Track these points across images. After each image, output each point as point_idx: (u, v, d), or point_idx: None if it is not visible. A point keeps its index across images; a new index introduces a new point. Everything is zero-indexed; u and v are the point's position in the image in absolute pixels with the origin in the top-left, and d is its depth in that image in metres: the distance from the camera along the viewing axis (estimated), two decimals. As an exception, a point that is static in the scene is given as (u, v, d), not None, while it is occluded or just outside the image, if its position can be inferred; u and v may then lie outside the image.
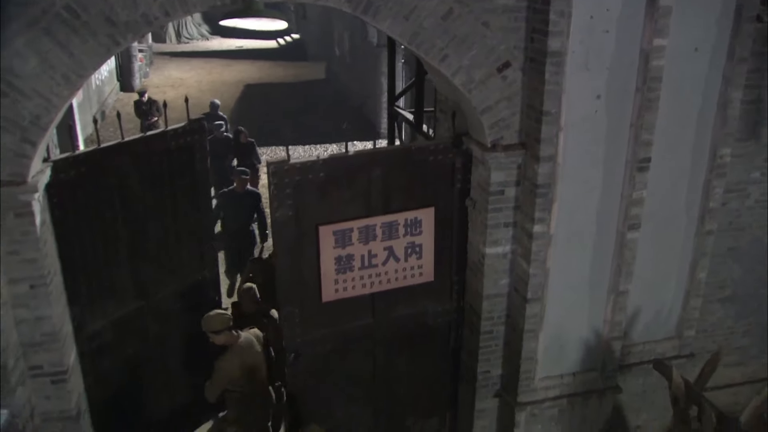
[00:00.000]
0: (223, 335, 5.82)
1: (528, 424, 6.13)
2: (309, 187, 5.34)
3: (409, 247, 5.79)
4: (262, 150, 13.49)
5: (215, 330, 5.82)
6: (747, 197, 6.50)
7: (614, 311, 5.92)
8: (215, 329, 5.81)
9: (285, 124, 16.70)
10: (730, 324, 7.02)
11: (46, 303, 5.00)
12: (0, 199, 4.58)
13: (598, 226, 5.58)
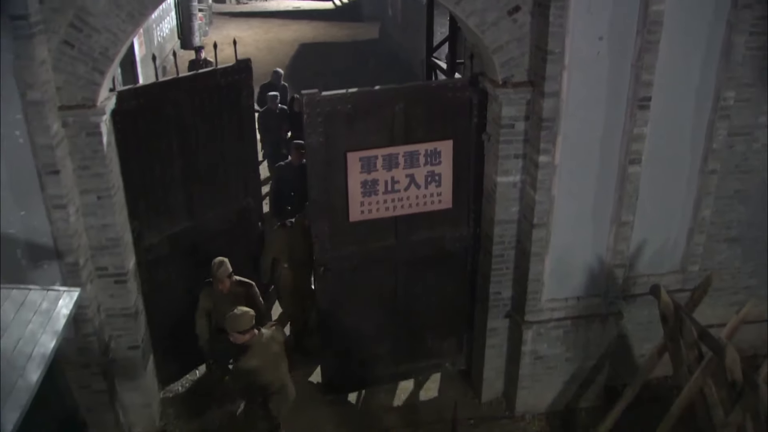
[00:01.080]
0: (247, 334, 5.73)
1: (534, 342, 6.74)
2: (338, 117, 6.01)
3: (429, 176, 6.41)
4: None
5: (243, 330, 5.71)
6: (755, 141, 6.85)
7: (616, 240, 6.45)
8: (242, 329, 5.72)
9: (336, 81, 17.32)
10: (737, 264, 7.40)
11: (110, 212, 5.81)
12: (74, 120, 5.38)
13: (601, 159, 6.09)
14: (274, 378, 5.93)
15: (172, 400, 7.24)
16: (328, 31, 24.46)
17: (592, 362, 6.99)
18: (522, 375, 6.89)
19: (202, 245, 7.07)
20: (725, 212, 7.09)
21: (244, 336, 5.70)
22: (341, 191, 6.26)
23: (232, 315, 5.70)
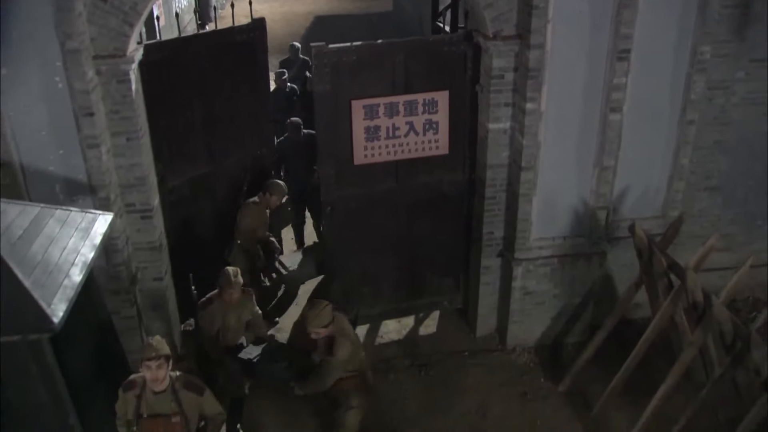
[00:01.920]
0: (330, 326, 5.63)
1: (524, 278, 7.34)
2: (344, 68, 6.61)
3: (427, 124, 7.01)
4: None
5: (326, 324, 5.60)
6: (732, 94, 7.36)
7: (599, 183, 7.02)
8: (326, 322, 5.60)
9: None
10: (717, 212, 7.92)
11: (138, 153, 6.45)
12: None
13: (584, 106, 6.64)
14: (363, 356, 6.01)
15: (191, 334, 7.87)
16: (342, 3, 24.91)
17: (578, 299, 7.59)
18: (513, 310, 7.50)
19: (220, 189, 7.72)
20: (705, 162, 7.62)
21: (327, 329, 5.60)
22: (346, 136, 6.87)
23: (311, 313, 5.56)
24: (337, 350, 5.63)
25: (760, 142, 7.66)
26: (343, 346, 5.64)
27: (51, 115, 6.02)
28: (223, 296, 6.25)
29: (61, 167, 6.21)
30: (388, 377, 7.37)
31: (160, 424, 4.69)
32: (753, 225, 8.12)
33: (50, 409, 4.71)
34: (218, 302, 6.32)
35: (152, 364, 4.56)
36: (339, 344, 5.64)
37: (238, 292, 6.30)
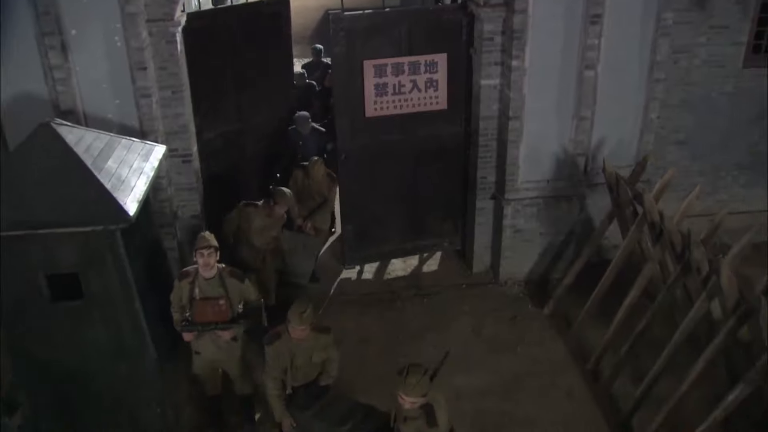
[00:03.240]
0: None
1: (513, 217, 8.43)
2: (356, 32, 7.73)
3: (428, 82, 8.12)
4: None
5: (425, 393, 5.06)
6: (695, 57, 8.47)
7: (577, 132, 8.11)
8: (425, 392, 5.05)
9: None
10: (685, 164, 9.00)
11: (181, 104, 7.58)
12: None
13: (562, 63, 7.73)
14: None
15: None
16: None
17: (561, 237, 8.67)
18: (504, 247, 8.59)
19: (249, 145, 8.86)
20: (673, 118, 8.70)
21: (425, 397, 5.11)
22: (359, 92, 7.99)
23: (411, 381, 5.00)
24: (441, 418, 5.16)
25: (721, 101, 8.75)
26: (445, 411, 5.24)
27: (111, 69, 7.16)
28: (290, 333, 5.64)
29: (117, 115, 7.34)
30: (395, 305, 8.47)
31: (209, 305, 5.81)
32: (717, 176, 9.20)
33: (120, 295, 5.82)
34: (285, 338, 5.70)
35: (205, 251, 5.69)
36: (440, 411, 5.19)
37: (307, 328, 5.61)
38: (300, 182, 8.56)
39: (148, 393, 6.29)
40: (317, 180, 8.56)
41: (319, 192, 8.63)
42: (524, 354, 7.65)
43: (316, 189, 8.61)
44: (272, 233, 7.83)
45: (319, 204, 8.64)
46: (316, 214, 8.58)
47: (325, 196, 8.64)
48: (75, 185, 5.44)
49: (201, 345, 5.98)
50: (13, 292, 5.73)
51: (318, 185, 8.58)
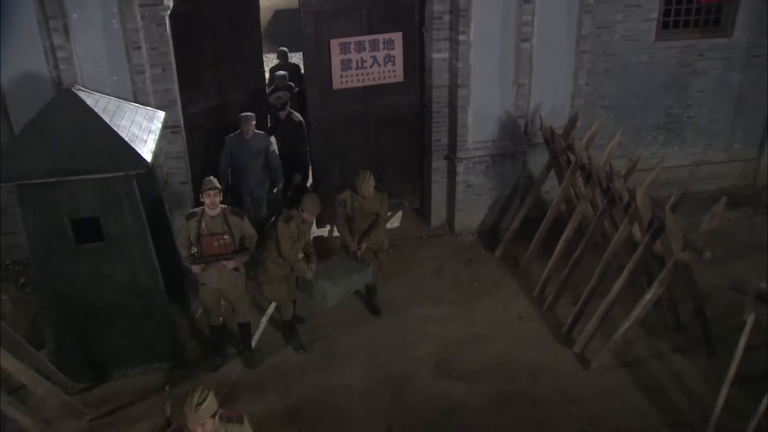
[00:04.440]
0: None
1: (465, 174, 9.63)
2: (324, 14, 8.83)
3: (387, 57, 9.26)
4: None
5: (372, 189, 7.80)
6: (614, 32, 9.84)
7: (517, 97, 9.36)
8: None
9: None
10: (612, 126, 10.36)
11: (170, 81, 8.54)
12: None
13: (501, 37, 8.97)
14: None
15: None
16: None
17: (507, 191, 9.91)
18: (458, 201, 9.78)
19: (226, 117, 9.84)
20: (599, 85, 10.06)
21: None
22: (326, 67, 9.08)
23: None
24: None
25: (638, 70, 10.15)
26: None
27: (108, 49, 8.09)
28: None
29: (114, 90, 8.20)
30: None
31: (215, 239, 6.82)
32: (639, 136, 10.58)
33: (136, 236, 6.78)
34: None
35: (212, 192, 6.70)
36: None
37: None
38: (350, 204, 7.82)
39: (159, 325, 7.25)
40: (369, 196, 7.79)
41: (372, 209, 7.94)
42: (480, 288, 8.83)
43: (368, 207, 7.87)
44: (302, 243, 7.46)
45: (372, 222, 8.00)
46: (370, 233, 7.97)
47: (377, 212, 7.97)
48: (97, 138, 6.40)
49: (207, 276, 6.98)
50: (40, 236, 6.63)
51: (370, 203, 7.84)
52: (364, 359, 7.59)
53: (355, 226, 7.95)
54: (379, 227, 8.02)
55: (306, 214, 7.26)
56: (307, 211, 7.26)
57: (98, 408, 6.99)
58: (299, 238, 7.29)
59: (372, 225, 7.96)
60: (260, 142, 8.99)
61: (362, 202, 7.77)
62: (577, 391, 7.13)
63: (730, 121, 10.81)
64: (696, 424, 6.60)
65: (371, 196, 7.75)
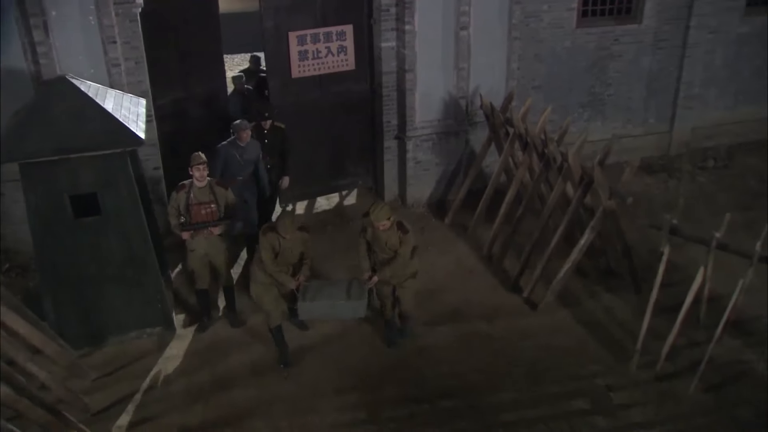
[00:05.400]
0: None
1: (414, 152, 10.64)
2: (282, 9, 9.69)
3: (339, 48, 10.19)
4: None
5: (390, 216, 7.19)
6: (541, 20, 11.02)
7: (458, 80, 10.43)
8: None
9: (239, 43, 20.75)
10: (543, 105, 11.50)
11: (143, 73, 9.25)
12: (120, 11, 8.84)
13: (443, 26, 10.03)
14: None
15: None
16: (230, 4, 27.56)
17: (452, 166, 10.97)
18: (408, 176, 10.78)
19: (191, 109, 10.58)
20: (529, 69, 11.22)
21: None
22: (285, 58, 9.95)
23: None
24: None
25: (563, 54, 11.37)
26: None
27: (86, 43, 8.76)
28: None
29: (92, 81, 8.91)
30: (326, 229, 10.44)
31: (203, 208, 7.60)
32: (566, 113, 11.74)
33: (130, 210, 7.50)
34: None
35: (200, 166, 7.48)
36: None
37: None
38: (371, 233, 7.38)
39: (152, 292, 7.96)
40: (385, 229, 7.21)
41: (391, 245, 7.32)
42: (434, 251, 9.82)
43: (386, 240, 7.29)
44: (297, 251, 7.48)
45: (390, 257, 7.38)
46: (386, 267, 7.36)
47: (396, 249, 7.32)
48: (94, 119, 7.09)
49: (195, 243, 7.75)
50: (42, 212, 7.29)
51: (389, 237, 7.27)
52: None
53: (374, 256, 7.53)
54: (396, 264, 7.32)
55: (281, 233, 7.14)
56: (280, 231, 7.14)
57: (98, 371, 7.65)
58: (281, 251, 7.27)
59: (390, 259, 7.36)
60: (254, 150, 8.89)
61: (380, 233, 7.22)
62: (527, 328, 8.19)
63: (644, 99, 12.16)
64: (626, 346, 7.74)
65: (389, 230, 7.21)
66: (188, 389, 7.37)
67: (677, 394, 7.12)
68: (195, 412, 7.03)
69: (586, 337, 8.04)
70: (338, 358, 7.79)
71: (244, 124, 8.74)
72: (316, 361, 7.75)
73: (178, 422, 6.93)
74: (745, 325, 7.93)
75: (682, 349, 7.58)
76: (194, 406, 7.12)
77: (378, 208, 7.12)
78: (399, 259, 7.31)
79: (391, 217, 7.19)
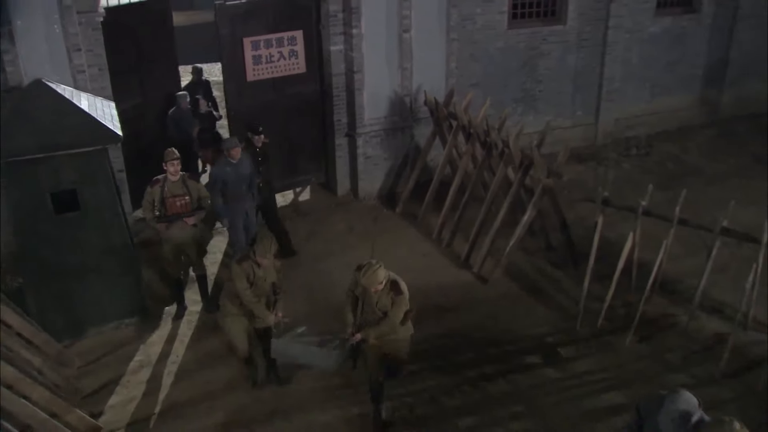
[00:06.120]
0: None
1: (364, 147, 11.37)
2: (237, 17, 10.30)
3: (291, 52, 10.85)
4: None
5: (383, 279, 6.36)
6: (475, 23, 11.94)
7: (402, 79, 11.23)
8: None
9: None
10: (480, 101, 12.39)
11: (105, 80, 9.70)
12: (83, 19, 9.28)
13: (387, 29, 10.82)
14: None
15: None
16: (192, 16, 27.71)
17: (399, 160, 11.75)
18: (359, 171, 11.50)
19: (149, 114, 11.05)
20: (467, 67, 12.11)
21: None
22: (240, 62, 10.54)
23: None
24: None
25: (496, 54, 12.32)
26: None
27: (51, 52, 9.18)
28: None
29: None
30: (284, 223, 11.02)
31: (177, 200, 8.12)
32: (502, 108, 12.62)
33: (108, 204, 7.97)
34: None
35: (175, 162, 8.01)
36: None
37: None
38: (360, 289, 6.59)
39: (129, 283, 8.43)
40: (375, 291, 6.42)
41: (382, 306, 6.53)
42: (388, 238, 10.52)
43: (375, 300, 6.52)
44: (270, 281, 7.12)
45: (378, 318, 6.56)
46: (372, 326, 6.56)
47: (386, 312, 6.51)
48: (74, 118, 7.55)
49: (170, 233, 8.25)
50: (24, 209, 7.68)
51: (379, 298, 6.50)
52: (306, 295, 9.08)
53: (362, 313, 6.72)
54: (384, 324, 6.51)
55: (258, 257, 6.83)
56: (258, 254, 6.82)
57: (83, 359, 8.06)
58: (255, 281, 6.92)
59: (379, 320, 6.54)
60: (248, 164, 8.97)
61: (369, 292, 6.45)
62: (478, 299, 9.00)
63: (572, 94, 13.24)
64: (569, 309, 8.63)
65: (380, 291, 6.41)
66: (171, 370, 7.88)
67: (615, 346, 8.03)
68: (181, 389, 7.54)
69: (533, 303, 8.90)
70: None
71: (235, 142, 8.87)
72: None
73: (166, 399, 7.43)
74: (669, 286, 8.93)
75: (617, 308, 8.52)
76: (180, 384, 7.63)
77: (370, 271, 6.25)
78: (387, 322, 6.49)
79: (384, 280, 6.36)
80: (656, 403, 4.62)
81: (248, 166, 8.98)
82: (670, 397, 4.55)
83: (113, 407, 7.32)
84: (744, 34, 14.18)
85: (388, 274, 6.43)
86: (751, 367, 7.52)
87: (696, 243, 8.67)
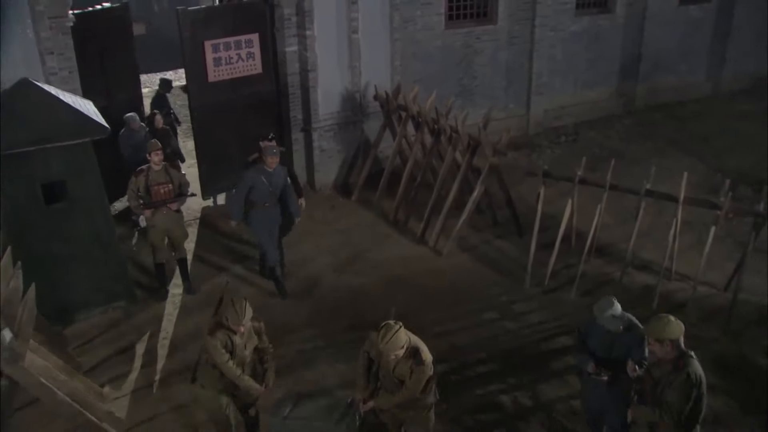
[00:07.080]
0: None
1: (319, 141, 12.22)
2: (198, 21, 10.99)
3: (248, 54, 11.61)
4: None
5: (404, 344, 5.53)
6: (416, 24, 12.96)
7: (352, 77, 12.14)
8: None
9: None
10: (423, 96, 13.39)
11: (75, 82, 10.24)
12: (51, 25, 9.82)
13: (338, 31, 11.71)
14: None
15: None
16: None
17: (352, 152, 12.64)
18: (315, 164, 12.34)
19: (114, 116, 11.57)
20: (409, 65, 13.10)
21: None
22: (202, 64, 11.23)
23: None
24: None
25: (436, 53, 13.38)
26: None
27: (24, 55, 9.70)
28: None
29: (40, 88, 9.83)
30: (249, 214, 11.74)
31: (161, 187, 8.78)
32: (443, 102, 13.72)
33: (95, 195, 8.55)
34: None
35: (159, 152, 8.68)
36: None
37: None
38: (375, 352, 5.87)
39: (116, 269, 9.00)
40: (393, 357, 5.63)
41: (399, 375, 5.76)
42: (347, 222, 11.43)
43: (392, 367, 5.74)
44: (251, 347, 6.17)
45: (394, 387, 5.85)
46: (385, 396, 5.91)
47: (404, 381, 5.75)
48: (62, 113, 8.10)
49: (155, 219, 8.89)
50: (15, 199, 8.18)
51: (397, 365, 5.72)
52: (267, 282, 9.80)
53: (376, 378, 6.04)
54: (399, 395, 5.77)
55: (232, 325, 5.88)
56: (231, 323, 5.88)
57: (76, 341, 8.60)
58: (234, 350, 5.93)
59: (395, 387, 5.82)
60: (282, 175, 8.91)
61: (386, 358, 5.67)
62: (436, 270, 9.97)
63: (504, 88, 14.43)
64: (518, 273, 9.68)
65: (399, 358, 5.63)
66: (164, 344, 8.52)
67: (561, 300, 9.12)
68: (178, 359, 8.19)
69: (485, 270, 9.92)
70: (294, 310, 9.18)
71: (273, 150, 8.76)
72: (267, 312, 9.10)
73: (164, 368, 8.07)
74: (604, 249, 10.11)
75: (561, 269, 9.62)
76: (175, 354, 8.28)
77: (390, 334, 5.52)
78: (404, 392, 5.72)
79: (405, 345, 5.61)
80: (589, 318, 6.08)
81: (282, 177, 8.97)
82: (596, 305, 5.98)
83: (114, 379, 7.90)
84: (653, 32, 15.73)
85: (408, 339, 5.65)
86: (678, 309, 8.71)
87: (624, 213, 9.90)
